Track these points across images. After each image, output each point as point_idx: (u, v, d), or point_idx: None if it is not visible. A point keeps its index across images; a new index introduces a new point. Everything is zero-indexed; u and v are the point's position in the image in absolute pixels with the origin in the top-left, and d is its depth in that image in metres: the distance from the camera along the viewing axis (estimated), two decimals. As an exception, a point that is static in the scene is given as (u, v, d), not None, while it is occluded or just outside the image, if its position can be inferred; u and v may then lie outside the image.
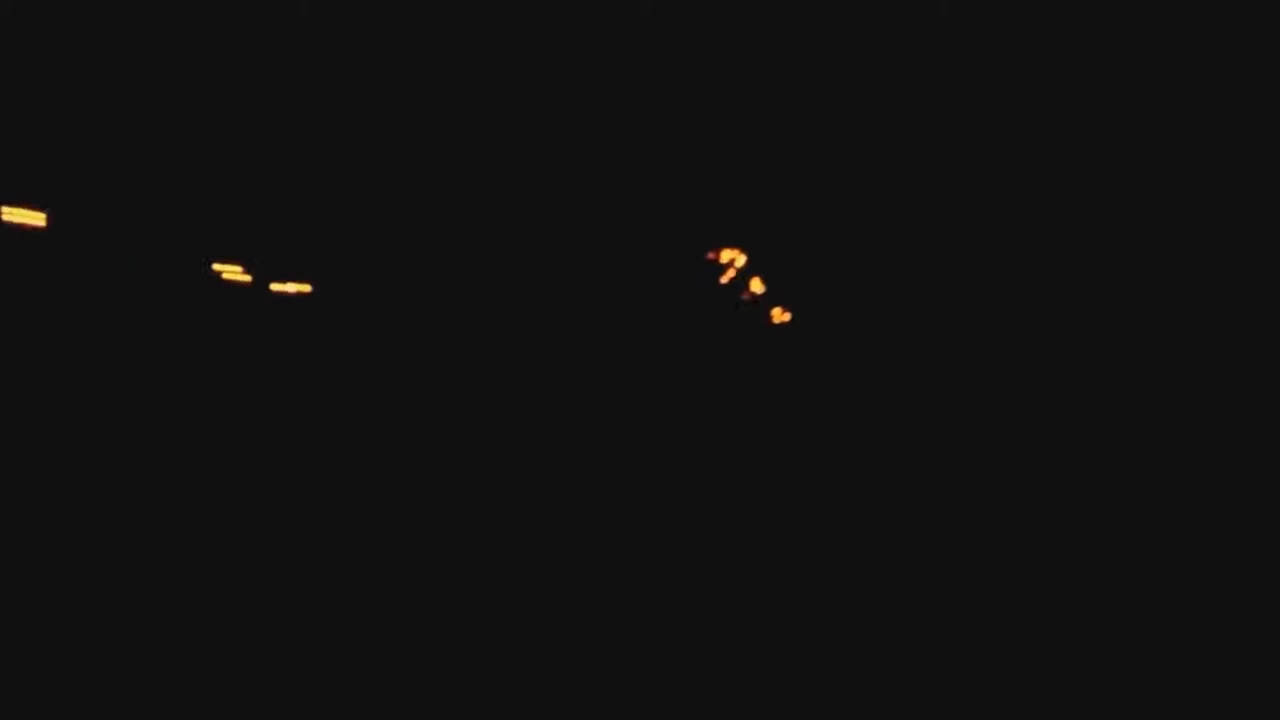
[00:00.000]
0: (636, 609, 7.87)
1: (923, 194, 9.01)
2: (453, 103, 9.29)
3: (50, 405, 10.94)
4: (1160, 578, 8.64)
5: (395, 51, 8.88)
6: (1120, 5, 9.00)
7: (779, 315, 8.81)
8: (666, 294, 8.98)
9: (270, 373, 11.44)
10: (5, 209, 7.32)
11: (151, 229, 9.38)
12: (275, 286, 9.44)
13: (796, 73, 9.03)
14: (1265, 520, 9.25)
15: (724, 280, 8.79)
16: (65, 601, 7.50)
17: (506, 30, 9.13)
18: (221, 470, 10.91)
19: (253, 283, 9.36)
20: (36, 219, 7.70)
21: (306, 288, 9.43)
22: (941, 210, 9.03)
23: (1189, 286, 9.33)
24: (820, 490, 9.84)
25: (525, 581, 8.37)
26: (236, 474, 10.82)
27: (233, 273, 8.11)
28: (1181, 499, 9.67)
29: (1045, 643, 7.45)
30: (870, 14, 9.06)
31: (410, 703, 6.18)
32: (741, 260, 8.61)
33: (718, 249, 8.80)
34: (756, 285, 8.68)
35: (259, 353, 11.24)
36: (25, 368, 10.94)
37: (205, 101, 8.85)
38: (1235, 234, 9.31)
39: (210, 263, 8.83)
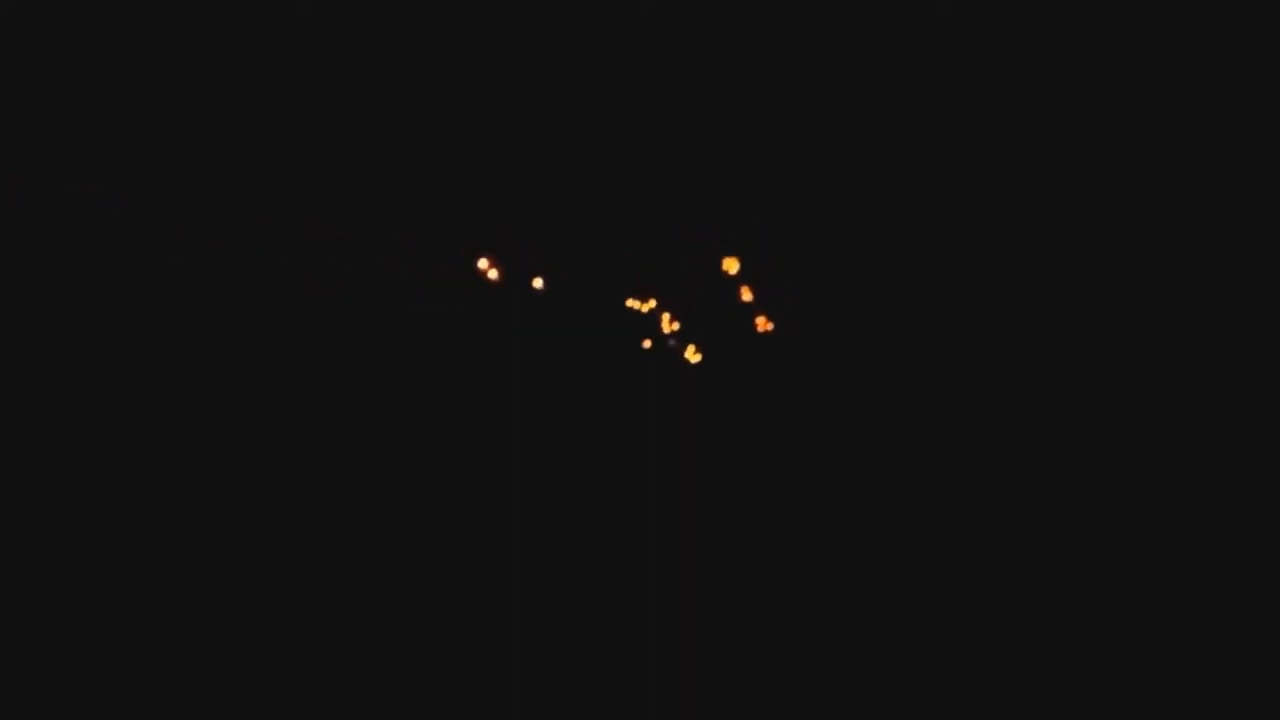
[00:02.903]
0: (625, 605, 7.87)
1: (915, 201, 9.05)
2: (450, 102, 9.34)
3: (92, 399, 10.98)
4: (1161, 578, 8.65)
5: (394, 51, 8.94)
6: (1120, 5, 9.04)
7: (763, 324, 8.68)
8: (656, 296, 9.02)
9: (269, 373, 11.47)
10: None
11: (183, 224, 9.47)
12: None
13: (794, 75, 9.06)
14: (1266, 520, 9.27)
15: (708, 287, 8.76)
16: (65, 600, 7.50)
17: (505, 29, 9.17)
18: (226, 470, 10.93)
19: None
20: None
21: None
22: (933, 218, 9.07)
23: (1190, 286, 9.37)
24: (808, 498, 9.86)
25: (515, 573, 8.37)
26: (240, 473, 10.84)
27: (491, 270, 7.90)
28: (1182, 499, 9.69)
29: (1046, 642, 7.45)
30: (869, 14, 9.08)
31: (410, 703, 6.18)
32: (735, 268, 8.54)
33: (716, 256, 8.77)
34: (746, 294, 8.58)
35: (254, 354, 11.27)
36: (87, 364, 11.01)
37: (218, 99, 8.95)
38: (1236, 235, 9.35)
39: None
